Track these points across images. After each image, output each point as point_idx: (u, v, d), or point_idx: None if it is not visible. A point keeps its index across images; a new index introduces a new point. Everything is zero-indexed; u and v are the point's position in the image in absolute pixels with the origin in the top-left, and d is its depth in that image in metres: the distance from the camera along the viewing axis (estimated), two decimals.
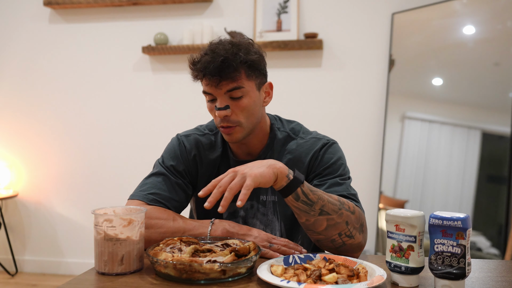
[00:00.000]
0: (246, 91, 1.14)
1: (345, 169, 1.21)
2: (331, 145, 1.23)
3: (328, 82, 2.93)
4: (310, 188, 1.01)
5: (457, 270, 0.81)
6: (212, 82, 1.12)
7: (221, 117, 1.14)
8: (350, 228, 1.05)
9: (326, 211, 1.02)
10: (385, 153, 2.78)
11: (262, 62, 1.19)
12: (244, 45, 1.15)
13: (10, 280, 3.09)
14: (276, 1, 2.93)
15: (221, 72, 1.10)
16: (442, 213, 0.83)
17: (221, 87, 1.12)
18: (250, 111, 1.16)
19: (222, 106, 1.13)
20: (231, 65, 1.10)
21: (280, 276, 0.86)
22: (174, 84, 3.07)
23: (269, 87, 1.24)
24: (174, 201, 1.20)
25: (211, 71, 1.10)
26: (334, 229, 1.04)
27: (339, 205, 1.04)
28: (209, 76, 1.11)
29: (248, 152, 1.26)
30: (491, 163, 2.41)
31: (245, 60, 1.12)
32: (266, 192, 1.25)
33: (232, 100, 1.14)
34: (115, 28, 3.15)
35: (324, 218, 1.02)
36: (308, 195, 1.00)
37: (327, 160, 1.20)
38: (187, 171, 1.25)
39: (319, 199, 1.01)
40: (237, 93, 1.13)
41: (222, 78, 1.11)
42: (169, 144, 1.30)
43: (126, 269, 0.93)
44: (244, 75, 1.13)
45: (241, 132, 1.17)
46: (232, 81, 1.12)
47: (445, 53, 2.63)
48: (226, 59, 1.09)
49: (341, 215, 1.03)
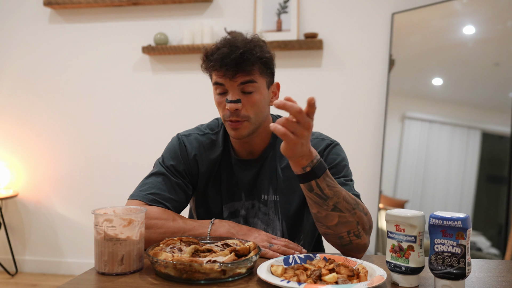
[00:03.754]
0: (258, 87, 1.16)
1: (348, 171, 1.21)
2: (335, 146, 1.23)
3: (328, 82, 2.93)
4: (327, 183, 0.98)
5: (457, 270, 0.81)
6: (228, 73, 1.12)
7: (232, 110, 1.14)
8: (360, 228, 1.05)
9: (339, 208, 1.01)
10: (385, 153, 2.78)
11: (273, 62, 1.21)
12: (259, 42, 1.17)
13: (10, 280, 3.09)
14: (276, 1, 2.93)
15: (238, 64, 1.11)
16: (442, 213, 0.83)
17: (236, 79, 1.13)
18: (260, 107, 1.17)
19: (234, 99, 1.14)
20: (249, 59, 1.11)
21: (280, 276, 0.86)
22: (174, 84, 3.07)
23: (277, 88, 1.26)
24: (174, 201, 1.20)
25: (228, 62, 1.11)
26: (344, 226, 1.03)
27: (354, 205, 1.04)
28: (226, 67, 1.11)
29: (250, 151, 1.26)
30: (491, 163, 2.41)
31: (261, 56, 1.14)
32: (268, 191, 1.25)
33: (244, 95, 1.15)
34: (115, 28, 3.15)
35: (336, 214, 1.02)
36: (324, 190, 0.98)
37: (331, 160, 1.19)
38: (187, 171, 1.25)
39: (335, 196, 0.99)
40: (249, 87, 1.14)
41: (238, 70, 1.12)
42: (169, 144, 1.30)
43: (126, 269, 0.93)
44: (258, 71, 1.15)
45: (248, 128, 1.17)
46: (248, 74, 1.13)
47: (445, 53, 2.63)
48: (245, 52, 1.11)
49: (354, 215, 1.03)
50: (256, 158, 1.26)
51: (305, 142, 0.92)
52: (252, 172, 1.25)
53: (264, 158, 1.25)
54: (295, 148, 0.92)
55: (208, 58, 1.16)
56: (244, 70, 1.12)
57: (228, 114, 1.15)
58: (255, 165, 1.25)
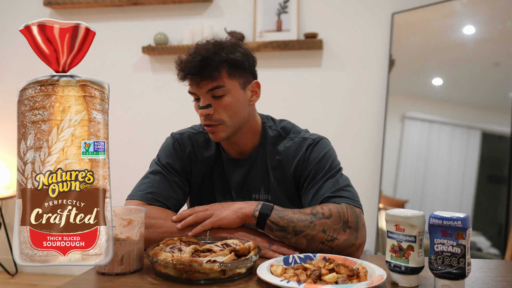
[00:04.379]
0: (228, 90, 1.15)
1: (334, 163, 1.20)
2: (317, 143, 1.23)
3: (328, 82, 2.93)
4: (278, 215, 1.05)
5: (457, 270, 0.81)
6: (194, 81, 1.15)
7: (203, 115, 1.16)
8: (329, 233, 1.05)
9: (299, 230, 1.04)
10: (385, 153, 2.78)
11: (248, 61, 1.19)
12: (228, 44, 1.17)
13: (10, 280, 3.09)
14: (276, 1, 2.93)
15: (201, 71, 1.12)
16: (442, 213, 0.83)
17: (201, 86, 1.14)
18: (234, 109, 1.17)
19: (204, 105, 1.15)
20: (210, 64, 1.12)
21: (280, 276, 0.86)
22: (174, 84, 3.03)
23: (256, 86, 1.24)
24: (172, 199, 1.21)
25: (191, 70, 1.12)
26: (314, 241, 1.05)
27: (310, 219, 1.05)
28: (190, 75, 1.14)
29: (239, 151, 1.27)
30: (491, 163, 2.41)
31: (226, 59, 1.14)
32: (259, 191, 1.25)
33: (214, 99, 1.16)
34: (115, 28, 3.15)
35: (301, 236, 1.04)
36: (278, 223, 1.05)
37: (312, 160, 1.20)
38: (183, 169, 1.26)
39: (289, 222, 1.04)
40: (218, 92, 1.14)
41: (202, 78, 1.13)
42: (164, 143, 1.31)
43: (126, 269, 0.93)
44: (226, 74, 1.15)
45: (224, 131, 1.18)
46: (212, 80, 1.13)
47: (445, 53, 2.63)
48: (204, 58, 1.12)
49: (314, 227, 1.04)
50: (246, 158, 1.26)
51: (220, 209, 1.08)
52: (242, 172, 1.26)
53: (254, 158, 1.26)
54: (227, 216, 1.06)
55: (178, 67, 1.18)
56: (208, 77, 1.13)
57: (203, 120, 1.18)
58: (245, 164, 1.26)
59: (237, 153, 1.27)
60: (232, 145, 1.25)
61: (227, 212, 1.07)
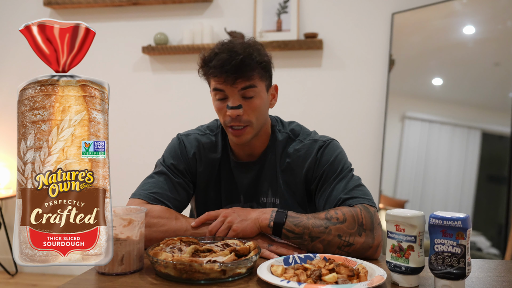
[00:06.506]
0: (258, 92, 1.16)
1: (345, 164, 1.20)
2: (328, 145, 1.23)
3: (328, 82, 2.93)
4: (293, 222, 1.05)
5: (457, 270, 0.81)
6: (228, 80, 1.12)
7: (234, 116, 1.14)
8: (345, 238, 1.05)
9: (315, 236, 1.04)
10: (385, 153, 2.78)
11: (271, 65, 1.21)
12: (257, 46, 1.17)
13: (10, 280, 3.09)
14: (276, 1, 2.93)
15: (239, 70, 1.11)
16: (442, 213, 0.83)
17: (236, 85, 1.13)
18: (260, 111, 1.17)
19: (235, 105, 1.14)
20: (249, 64, 1.12)
21: (280, 276, 0.86)
22: (174, 84, 3.07)
23: (275, 90, 1.26)
24: (175, 200, 1.20)
25: (229, 69, 1.10)
26: (330, 246, 1.05)
27: (325, 224, 1.05)
28: (226, 73, 1.11)
29: (249, 153, 1.26)
30: (491, 163, 2.41)
31: (261, 61, 1.14)
32: (267, 194, 1.25)
33: (244, 100, 1.15)
34: (115, 28, 3.15)
35: (317, 242, 1.04)
36: (294, 231, 1.05)
37: (324, 162, 1.20)
38: (188, 170, 1.25)
39: (305, 229, 1.04)
40: (249, 92, 1.14)
41: (239, 76, 1.12)
42: (170, 144, 1.30)
43: (126, 269, 0.93)
44: (258, 75, 1.15)
45: (251, 133, 1.17)
46: (248, 80, 1.13)
47: (445, 53, 2.63)
48: (245, 57, 1.11)
49: (329, 233, 1.04)
50: (255, 161, 1.26)
51: (238, 220, 1.07)
52: (251, 175, 1.26)
53: (264, 161, 1.25)
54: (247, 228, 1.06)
55: (207, 65, 1.15)
56: (245, 76, 1.12)
57: (229, 120, 1.15)
58: (254, 167, 1.26)
59: (247, 155, 1.26)
60: (244, 147, 1.25)
61: (247, 223, 1.06)
